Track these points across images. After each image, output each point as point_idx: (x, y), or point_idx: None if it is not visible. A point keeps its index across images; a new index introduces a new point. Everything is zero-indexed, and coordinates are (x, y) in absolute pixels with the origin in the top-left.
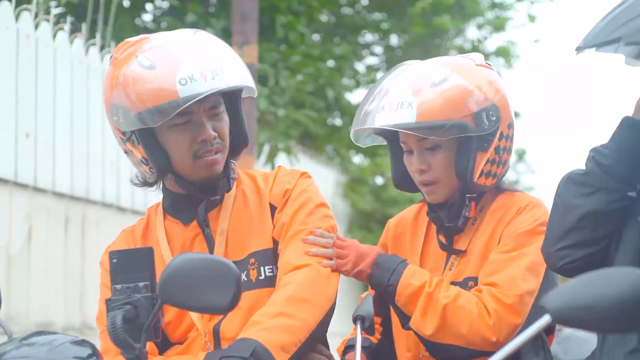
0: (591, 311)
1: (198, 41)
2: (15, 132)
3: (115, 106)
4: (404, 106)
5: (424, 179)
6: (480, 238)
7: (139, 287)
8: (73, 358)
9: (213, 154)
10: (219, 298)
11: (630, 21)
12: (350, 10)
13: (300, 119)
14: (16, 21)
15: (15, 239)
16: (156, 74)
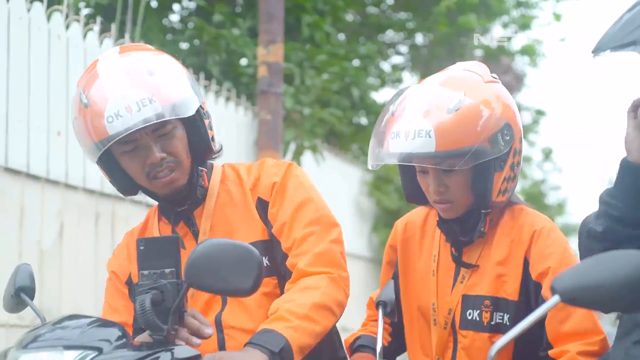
0: (599, 291)
1: (127, 67)
2: (47, 130)
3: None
4: (421, 135)
5: (440, 199)
6: (493, 254)
7: (165, 273)
8: (103, 339)
9: (167, 173)
10: (242, 281)
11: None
12: (375, 10)
13: (326, 118)
14: (48, 22)
15: (48, 234)
16: (89, 113)
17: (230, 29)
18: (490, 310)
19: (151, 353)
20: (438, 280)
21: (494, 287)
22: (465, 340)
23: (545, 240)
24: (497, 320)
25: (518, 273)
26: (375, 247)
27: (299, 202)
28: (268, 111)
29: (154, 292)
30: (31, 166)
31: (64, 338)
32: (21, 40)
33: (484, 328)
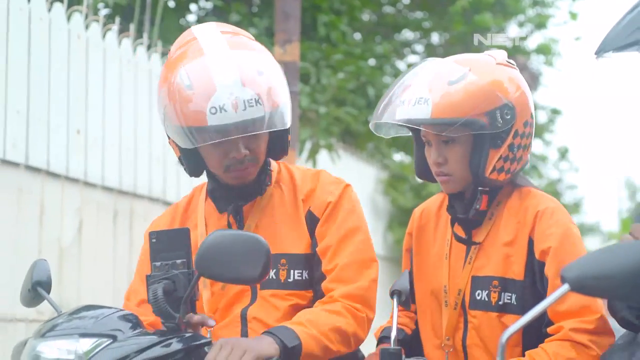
0: (608, 280)
1: (238, 61)
2: (67, 129)
3: (159, 105)
4: (421, 102)
5: (440, 171)
6: (500, 235)
7: (176, 264)
8: (117, 327)
9: (244, 168)
10: (250, 270)
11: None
12: (391, 9)
13: (342, 117)
14: (68, 22)
15: (67, 231)
16: (191, 96)
17: (247, 29)
18: (498, 290)
19: (164, 339)
20: (450, 262)
21: (502, 267)
22: (475, 321)
23: (548, 220)
24: (505, 300)
25: (523, 253)
26: (390, 245)
27: (349, 228)
28: None
29: (166, 282)
30: (51, 164)
31: (80, 327)
32: (42, 40)
33: (492, 308)
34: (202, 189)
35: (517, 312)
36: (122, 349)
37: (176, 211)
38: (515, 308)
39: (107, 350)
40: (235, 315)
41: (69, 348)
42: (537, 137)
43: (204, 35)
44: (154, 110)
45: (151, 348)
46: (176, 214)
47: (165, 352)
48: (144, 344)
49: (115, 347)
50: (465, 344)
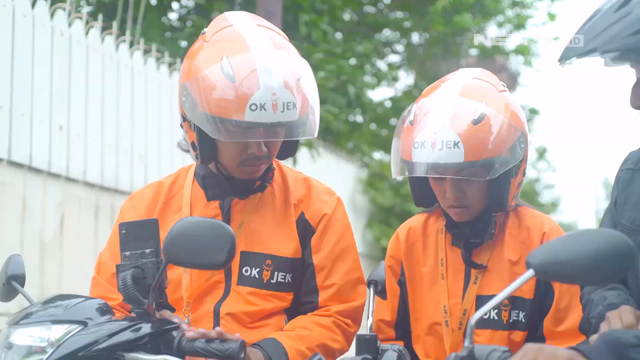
0: (569, 265)
1: (282, 61)
2: (49, 125)
3: (186, 90)
4: (450, 145)
5: (458, 204)
6: (504, 254)
7: (145, 253)
8: (88, 314)
9: (256, 166)
10: (216, 255)
11: (602, 32)
12: (372, 9)
13: (322, 115)
14: (51, 19)
15: (49, 226)
16: (233, 88)
17: None
18: (508, 309)
19: (133, 324)
20: (448, 282)
21: (504, 285)
22: (480, 339)
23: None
24: (513, 317)
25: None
26: (369, 243)
27: (344, 247)
28: None
29: (135, 270)
30: (33, 159)
31: (52, 315)
32: (25, 37)
33: (504, 326)
34: (188, 171)
35: (524, 329)
36: (92, 334)
37: (160, 189)
38: (522, 325)
39: (77, 336)
40: (208, 310)
41: (42, 335)
42: None
43: (244, 26)
44: (136, 107)
45: (121, 332)
46: (160, 192)
47: (135, 337)
48: (114, 329)
49: (86, 333)
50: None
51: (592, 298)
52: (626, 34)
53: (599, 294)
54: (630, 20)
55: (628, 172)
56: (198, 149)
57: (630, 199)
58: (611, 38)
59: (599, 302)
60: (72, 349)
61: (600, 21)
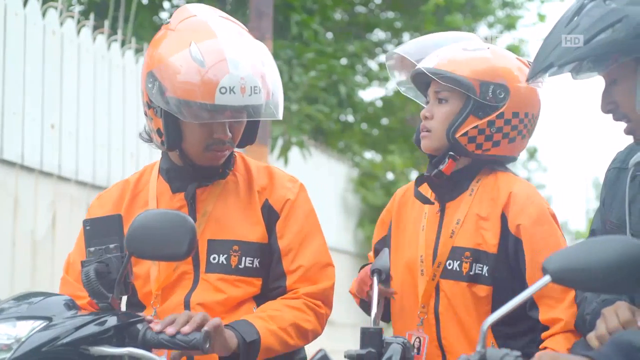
0: (586, 273)
1: (247, 47)
2: (41, 123)
3: (153, 76)
4: (433, 56)
5: (423, 125)
6: (474, 209)
7: (109, 249)
8: (53, 310)
9: (221, 152)
10: (177, 247)
11: (556, 47)
12: (363, 9)
13: (313, 114)
14: (43, 18)
15: (40, 224)
16: (203, 73)
17: None
18: (469, 261)
19: (97, 318)
20: (427, 234)
21: (474, 239)
22: (446, 289)
23: (523, 199)
24: (476, 271)
25: (497, 228)
26: (360, 242)
27: (309, 231)
28: None
29: (98, 264)
30: (25, 158)
31: (17, 311)
32: (17, 35)
33: (463, 278)
34: (153, 167)
35: (487, 283)
36: (56, 329)
37: (126, 187)
38: (485, 279)
39: (41, 332)
40: (178, 302)
41: (7, 332)
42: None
43: (208, 16)
44: (127, 106)
45: (85, 327)
46: (126, 188)
47: (99, 330)
48: (78, 324)
49: (51, 328)
50: (438, 312)
51: (586, 295)
52: (576, 45)
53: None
54: (579, 32)
55: (614, 171)
56: (164, 134)
57: (616, 197)
58: (563, 52)
59: (592, 298)
60: (36, 345)
61: (554, 36)
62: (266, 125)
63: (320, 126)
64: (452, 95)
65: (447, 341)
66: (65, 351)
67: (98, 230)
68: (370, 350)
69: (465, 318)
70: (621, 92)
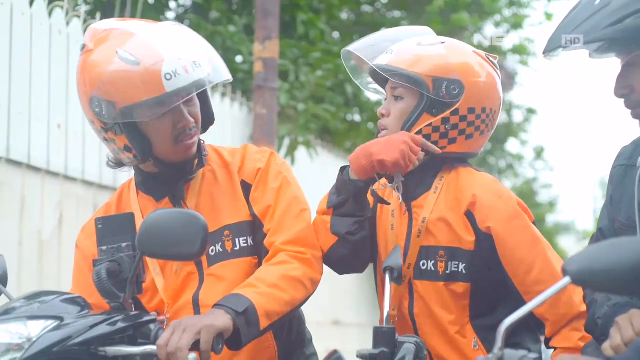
0: (608, 274)
1: (175, 33)
2: (47, 123)
3: (97, 99)
4: (387, 52)
5: (380, 123)
6: (441, 207)
7: (121, 248)
8: (64, 309)
9: (190, 139)
10: (189, 246)
11: (583, 23)
12: (369, 8)
13: (320, 114)
14: (49, 17)
15: (47, 225)
16: (141, 70)
17: (226, 26)
18: (444, 260)
19: (109, 318)
20: (397, 235)
21: (447, 238)
22: (421, 290)
23: (488, 199)
24: (452, 269)
25: (467, 225)
26: None
27: (279, 186)
28: (263, 105)
29: (110, 263)
30: (32, 158)
31: (29, 311)
32: (23, 35)
33: (440, 277)
34: (129, 185)
35: (465, 280)
36: (68, 329)
37: (109, 210)
38: (463, 276)
39: (53, 332)
40: (187, 301)
41: (19, 332)
42: (513, 137)
43: (117, 23)
44: None
45: (96, 327)
46: (109, 212)
47: (111, 330)
48: (89, 324)
49: (62, 328)
50: (413, 313)
51: (596, 298)
52: (605, 24)
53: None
54: (610, 11)
55: (621, 168)
56: (133, 148)
57: (625, 196)
58: (591, 29)
59: (603, 302)
60: (47, 345)
61: (581, 12)
62: (273, 125)
63: (326, 126)
64: (408, 92)
65: (426, 341)
66: (77, 351)
67: (110, 229)
68: (383, 350)
69: (443, 317)
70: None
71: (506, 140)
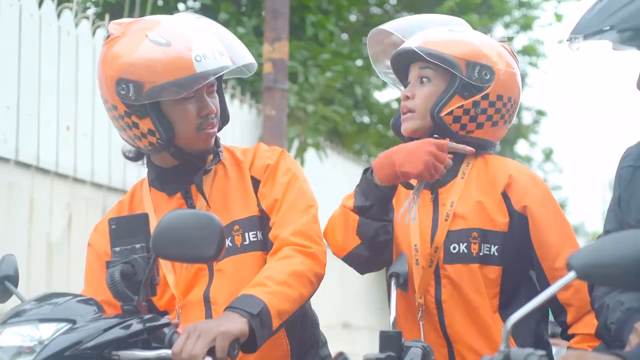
0: (613, 268)
1: (202, 24)
2: (57, 125)
3: (124, 81)
4: (418, 38)
5: (405, 105)
6: (472, 191)
7: (135, 249)
8: (77, 312)
9: (212, 128)
10: (205, 248)
11: (620, 9)
12: (378, 10)
13: (329, 115)
14: (58, 19)
15: (56, 227)
16: (172, 50)
17: (236, 28)
18: (478, 241)
19: (122, 321)
20: (420, 222)
21: (480, 220)
22: (452, 274)
23: (525, 180)
24: (484, 251)
25: (502, 207)
26: None
27: (288, 181)
28: (273, 107)
29: (124, 265)
30: (41, 160)
31: (40, 313)
32: (32, 37)
33: (474, 259)
34: (141, 184)
35: (497, 264)
36: (80, 332)
37: (121, 208)
38: (496, 259)
39: (65, 335)
40: (198, 299)
41: (31, 334)
42: (522, 138)
43: (138, 19)
44: None
45: (110, 330)
46: (122, 210)
47: (125, 334)
48: (102, 327)
49: (74, 331)
50: (440, 300)
51: (607, 303)
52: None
53: (614, 298)
54: None
55: (629, 169)
56: (156, 130)
57: (634, 197)
58: (629, 16)
59: (615, 307)
60: (59, 348)
61: (616, 0)
62: (282, 126)
63: (336, 128)
64: (436, 74)
65: (452, 329)
66: (90, 355)
67: (124, 230)
68: (390, 354)
69: (476, 301)
70: None
71: (515, 141)
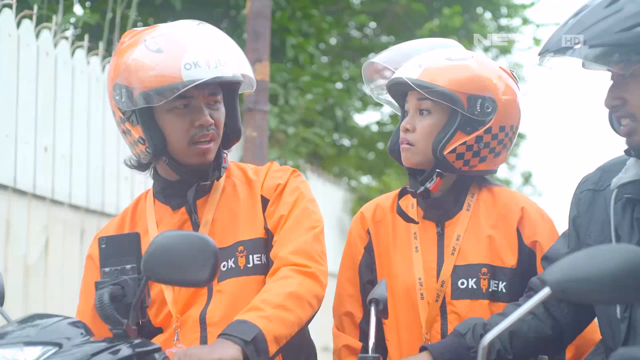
0: (588, 283)
1: (203, 31)
2: (34, 145)
3: (118, 86)
4: (415, 66)
5: (404, 138)
6: (480, 225)
7: (126, 270)
8: (64, 335)
9: (207, 142)
10: (198, 272)
11: (591, 26)
12: (358, 33)
13: (310, 137)
14: (36, 39)
15: (33, 249)
16: (163, 57)
17: None
18: (487, 277)
19: (111, 346)
20: (424, 256)
21: (489, 256)
22: (460, 310)
23: (535, 215)
24: (493, 287)
25: (513, 242)
26: None
27: (294, 200)
28: (254, 128)
29: (113, 287)
30: (18, 181)
31: (25, 336)
32: (10, 57)
33: (484, 295)
34: (147, 195)
35: (505, 300)
36: (66, 357)
37: (124, 218)
38: (504, 296)
39: (51, 359)
40: (194, 319)
41: (15, 358)
42: None
43: (144, 29)
44: None
45: (98, 355)
46: (124, 220)
47: (113, 359)
48: (90, 351)
49: (60, 355)
50: (447, 334)
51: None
52: (618, 29)
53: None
54: (623, 16)
55: (589, 192)
56: (147, 139)
57: (593, 220)
58: (601, 32)
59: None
60: None
61: (589, 16)
62: (263, 148)
63: (316, 150)
64: (435, 107)
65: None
66: None
67: (114, 250)
68: None
69: None
70: (636, 89)
71: None
